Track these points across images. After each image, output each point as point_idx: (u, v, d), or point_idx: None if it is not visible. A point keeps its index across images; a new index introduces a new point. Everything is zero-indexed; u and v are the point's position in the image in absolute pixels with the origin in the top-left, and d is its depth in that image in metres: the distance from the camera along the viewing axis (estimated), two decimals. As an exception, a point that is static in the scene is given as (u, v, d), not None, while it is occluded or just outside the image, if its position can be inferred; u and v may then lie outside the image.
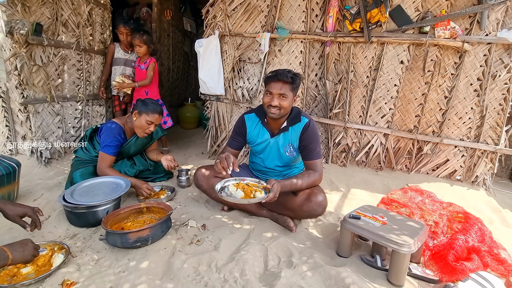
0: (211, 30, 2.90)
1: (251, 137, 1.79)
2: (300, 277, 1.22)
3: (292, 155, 1.73)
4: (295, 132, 1.68)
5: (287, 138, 1.71)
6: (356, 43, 2.52)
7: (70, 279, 1.14)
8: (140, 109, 1.99)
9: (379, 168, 2.67)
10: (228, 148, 1.82)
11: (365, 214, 1.45)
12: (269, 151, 1.78)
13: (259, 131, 1.76)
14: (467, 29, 2.28)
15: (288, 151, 1.72)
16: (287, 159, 1.76)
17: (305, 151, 1.67)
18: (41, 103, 2.41)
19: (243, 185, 1.53)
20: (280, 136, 1.71)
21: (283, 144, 1.72)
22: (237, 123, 1.83)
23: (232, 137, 1.84)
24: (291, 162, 1.79)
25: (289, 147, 1.72)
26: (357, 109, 2.67)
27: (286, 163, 1.80)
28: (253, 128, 1.78)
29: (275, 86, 1.55)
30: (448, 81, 2.39)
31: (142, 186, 1.93)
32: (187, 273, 1.23)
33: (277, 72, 1.56)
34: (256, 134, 1.77)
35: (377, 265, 1.35)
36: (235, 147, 1.81)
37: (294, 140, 1.69)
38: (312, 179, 1.61)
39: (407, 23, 2.34)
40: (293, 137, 1.69)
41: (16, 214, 1.27)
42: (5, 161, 1.75)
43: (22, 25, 2.09)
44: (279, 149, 1.74)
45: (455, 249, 1.30)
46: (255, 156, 1.88)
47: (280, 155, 1.76)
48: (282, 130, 1.69)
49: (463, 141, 2.43)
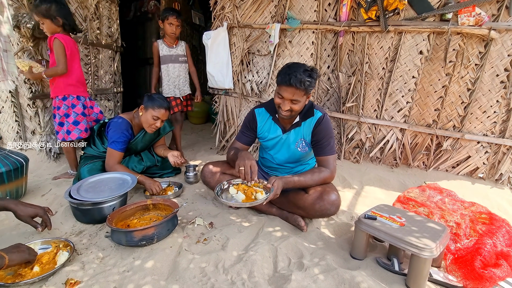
0: (219, 22, 2.82)
1: (262, 133, 1.73)
2: (312, 280, 1.15)
3: (304, 150, 1.66)
4: (307, 126, 1.61)
5: (299, 133, 1.64)
6: (372, 33, 2.39)
7: (74, 278, 1.11)
8: (146, 104, 1.95)
9: (395, 164, 2.55)
10: (238, 143, 1.75)
11: (382, 214, 1.35)
12: (280, 147, 1.70)
13: (270, 127, 1.70)
14: (494, 15, 2.10)
15: (300, 146, 1.65)
16: (299, 154, 1.69)
17: (317, 146, 1.59)
18: (49, 98, 2.41)
19: (244, 186, 1.48)
20: (292, 132, 1.65)
21: (294, 140, 1.65)
22: (247, 118, 1.76)
23: (242, 131, 1.77)
24: (303, 158, 1.72)
25: (301, 142, 1.64)
26: (372, 103, 2.54)
27: (297, 159, 1.72)
28: (264, 124, 1.71)
29: (286, 90, 1.43)
30: (472, 72, 2.23)
31: (152, 185, 1.89)
32: (193, 273, 1.18)
33: (291, 75, 1.39)
34: (267, 130, 1.71)
35: (394, 269, 1.26)
36: (245, 142, 1.75)
37: (307, 135, 1.62)
38: (322, 176, 1.52)
39: (427, 10, 2.18)
40: (306, 131, 1.62)
41: (28, 215, 1.29)
42: (13, 156, 1.75)
43: (28, 18, 2.08)
44: (290, 145, 1.66)
45: (483, 255, 1.19)
46: (265, 152, 1.82)
47: (291, 151, 1.69)
48: (294, 125, 1.63)
49: (486, 136, 2.28)
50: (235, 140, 1.78)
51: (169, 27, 2.53)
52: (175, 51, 2.64)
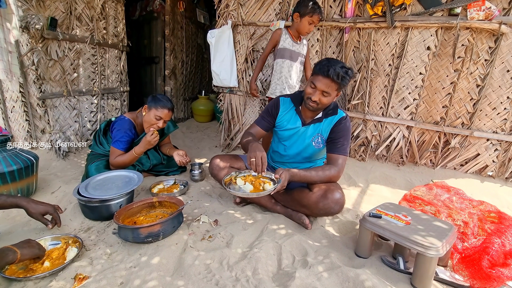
0: (224, 20, 2.82)
1: (281, 121, 1.72)
2: (316, 278, 1.15)
3: (318, 146, 1.67)
4: (328, 124, 1.63)
5: (318, 128, 1.65)
6: (378, 29, 2.35)
7: (82, 273, 1.14)
8: (150, 103, 1.97)
9: (401, 162, 2.52)
10: (256, 127, 1.73)
11: (387, 212, 1.34)
12: (296, 139, 1.71)
13: (291, 117, 1.70)
14: (505, 9, 2.04)
15: (315, 141, 1.66)
16: (312, 150, 1.70)
17: (331, 143, 1.61)
18: (58, 98, 2.46)
19: (251, 177, 1.51)
20: (311, 126, 1.66)
21: (312, 134, 1.66)
22: (270, 104, 1.75)
23: (262, 116, 1.75)
24: (314, 155, 1.73)
25: (318, 137, 1.65)
26: (378, 100, 2.51)
27: (308, 156, 1.73)
28: (286, 113, 1.71)
29: (322, 81, 1.44)
30: (481, 68, 2.18)
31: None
32: (198, 270, 1.19)
33: (330, 67, 1.40)
34: (287, 119, 1.70)
35: (399, 267, 1.25)
36: (263, 127, 1.73)
37: (325, 132, 1.64)
38: (328, 174, 1.52)
39: (435, 5, 2.14)
40: (325, 128, 1.64)
41: (39, 212, 1.33)
42: (24, 154, 1.79)
43: (37, 19, 2.11)
44: (306, 138, 1.68)
45: (491, 254, 1.17)
46: (278, 143, 1.80)
47: (305, 145, 1.69)
48: (315, 120, 1.64)
49: (496, 133, 2.23)
50: (253, 124, 1.76)
51: (307, 26, 2.09)
52: (297, 48, 2.23)
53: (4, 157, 1.69)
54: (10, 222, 1.55)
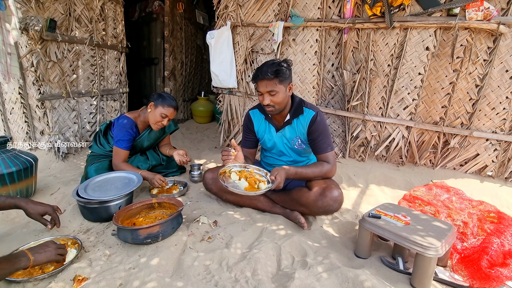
0: (223, 21, 2.82)
1: (259, 133, 1.79)
2: (315, 278, 1.15)
3: (301, 147, 1.71)
4: (300, 124, 1.64)
5: (293, 131, 1.68)
6: (377, 29, 2.36)
7: (81, 275, 1.14)
8: (156, 101, 1.98)
9: (401, 163, 2.52)
10: (245, 150, 1.78)
11: (386, 213, 1.34)
12: (278, 145, 1.74)
13: (265, 127, 1.76)
14: (504, 9, 2.05)
15: (296, 144, 1.70)
16: (298, 151, 1.73)
17: (315, 145, 1.63)
18: (57, 99, 2.46)
19: (246, 173, 1.52)
20: (285, 130, 1.69)
21: (290, 137, 1.70)
22: (244, 121, 1.83)
23: (244, 137, 1.83)
24: (302, 153, 1.75)
25: (297, 140, 1.69)
26: (377, 101, 2.51)
27: (298, 154, 1.76)
28: (260, 124, 1.77)
29: (261, 85, 1.52)
30: (480, 68, 2.18)
31: (155, 177, 1.93)
32: (198, 271, 1.19)
33: (258, 70, 1.52)
34: (263, 130, 1.76)
35: (399, 267, 1.25)
36: (249, 146, 1.80)
37: (301, 133, 1.65)
38: (324, 170, 1.57)
39: (434, 5, 2.14)
40: (300, 129, 1.65)
41: (38, 213, 1.33)
42: (23, 156, 1.79)
43: (36, 21, 2.12)
44: (287, 142, 1.72)
45: (490, 254, 1.17)
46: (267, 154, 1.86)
47: (289, 149, 1.73)
48: (286, 123, 1.67)
49: (496, 133, 2.23)
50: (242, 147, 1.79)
51: None
52: None
53: (3, 158, 1.69)
54: (9, 224, 1.55)
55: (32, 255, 1.07)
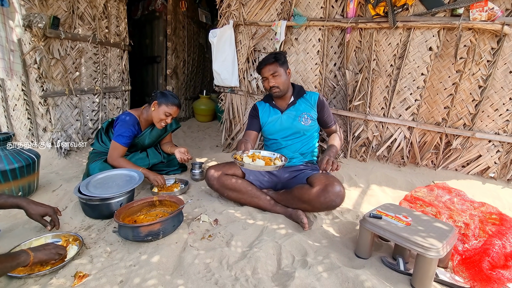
0: (225, 20, 2.82)
1: (263, 118, 1.95)
2: (315, 278, 1.15)
3: (307, 123, 1.86)
4: (306, 102, 1.88)
5: (298, 109, 1.87)
6: (380, 29, 2.34)
7: (82, 271, 1.15)
8: (160, 100, 1.99)
9: (402, 163, 2.51)
10: (248, 132, 1.94)
11: (387, 213, 1.34)
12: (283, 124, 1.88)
13: (269, 111, 1.95)
14: (508, 10, 2.03)
15: (303, 119, 1.86)
16: (301, 127, 1.87)
17: (325, 120, 1.89)
18: (60, 96, 2.47)
19: (258, 155, 1.64)
20: (291, 109, 1.88)
21: (296, 115, 1.86)
22: (250, 110, 2.02)
23: (249, 122, 1.99)
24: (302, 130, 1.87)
25: (304, 115, 1.86)
26: (379, 101, 2.50)
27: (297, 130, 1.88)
28: (264, 111, 1.97)
29: (265, 70, 1.80)
30: (484, 69, 2.17)
31: (155, 177, 1.93)
32: (198, 269, 1.20)
33: (261, 60, 1.83)
34: (267, 114, 1.95)
35: (399, 268, 1.25)
36: (255, 129, 1.95)
37: (309, 109, 1.87)
38: (341, 136, 1.93)
39: (437, 5, 2.13)
40: (306, 106, 1.87)
41: (38, 214, 1.35)
42: (25, 152, 1.80)
43: (40, 18, 2.12)
44: (292, 120, 1.86)
45: (491, 256, 1.17)
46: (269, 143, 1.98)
47: (294, 126, 1.87)
48: (290, 104, 1.89)
49: (498, 135, 2.22)
50: (245, 132, 1.98)
51: None
52: None
53: (5, 155, 1.70)
54: (11, 220, 1.56)
55: (32, 252, 1.10)
